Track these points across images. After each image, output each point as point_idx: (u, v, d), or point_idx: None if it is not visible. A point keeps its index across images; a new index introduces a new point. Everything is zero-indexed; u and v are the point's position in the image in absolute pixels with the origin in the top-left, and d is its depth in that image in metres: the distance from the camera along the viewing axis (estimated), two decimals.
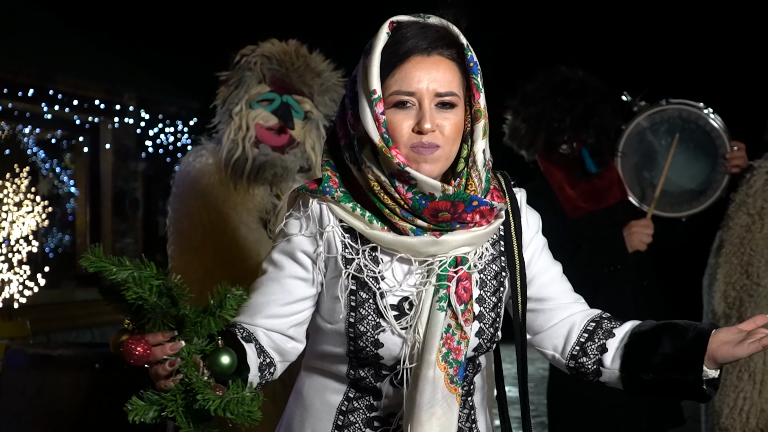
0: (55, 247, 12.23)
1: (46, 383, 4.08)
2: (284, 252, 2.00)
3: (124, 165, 12.74)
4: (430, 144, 1.89)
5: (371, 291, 1.93)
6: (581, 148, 3.79)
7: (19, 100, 10.97)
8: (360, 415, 2.02)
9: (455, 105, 1.92)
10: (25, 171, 11.10)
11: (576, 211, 3.80)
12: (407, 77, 1.90)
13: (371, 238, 1.93)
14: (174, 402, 1.67)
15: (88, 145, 12.42)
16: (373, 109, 1.89)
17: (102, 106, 12.10)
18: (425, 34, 1.92)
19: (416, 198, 1.88)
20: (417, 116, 1.90)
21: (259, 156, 3.50)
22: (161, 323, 1.66)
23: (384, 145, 1.88)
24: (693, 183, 3.89)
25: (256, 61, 3.54)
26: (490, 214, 1.94)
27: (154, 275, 1.66)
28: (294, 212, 2.01)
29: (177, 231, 3.61)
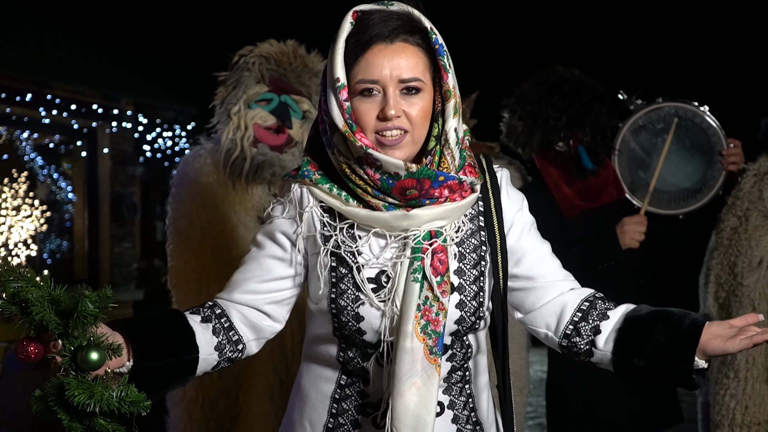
0: (52, 253, 12.24)
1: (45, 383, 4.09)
2: (265, 233, 2.10)
3: (122, 170, 12.75)
4: (396, 127, 1.94)
5: (349, 265, 1.99)
6: (577, 146, 3.81)
7: (17, 105, 10.98)
8: (352, 402, 2.05)
9: (421, 90, 1.96)
10: (23, 176, 11.12)
11: (572, 210, 3.81)
12: (370, 65, 1.94)
13: (347, 215, 1.99)
14: (54, 396, 1.73)
15: (85, 149, 12.43)
16: (338, 97, 1.94)
17: (99, 111, 12.11)
18: (387, 22, 1.95)
19: (383, 178, 1.93)
20: (381, 103, 1.94)
21: (257, 155, 3.51)
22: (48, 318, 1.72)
23: (348, 129, 1.93)
24: (689, 181, 3.89)
25: (254, 62, 3.56)
26: (461, 188, 1.98)
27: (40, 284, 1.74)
28: (279, 197, 2.10)
29: (176, 231, 3.63)
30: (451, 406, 2.07)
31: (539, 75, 3.94)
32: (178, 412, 3.57)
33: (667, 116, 3.87)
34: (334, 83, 1.94)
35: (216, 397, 3.53)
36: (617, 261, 3.74)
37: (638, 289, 3.82)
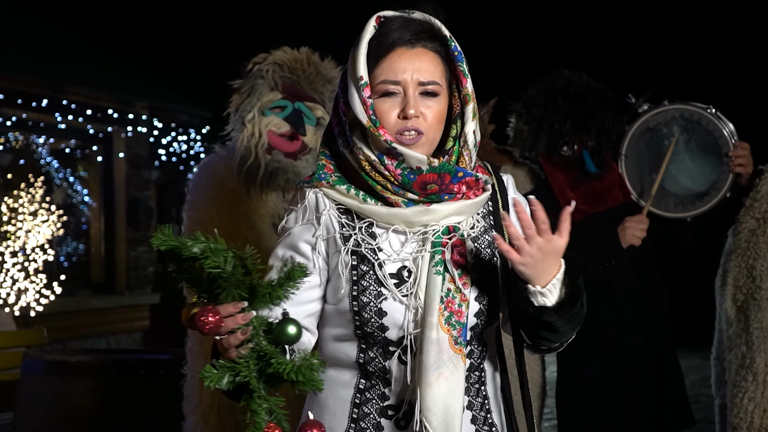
0: (69, 256, 12.30)
1: (64, 389, 4.13)
2: (287, 246, 2.12)
3: (137, 174, 12.80)
4: (414, 128, 2.03)
5: (370, 262, 2.04)
6: (582, 150, 3.82)
7: (33, 110, 11.05)
8: (373, 406, 2.07)
9: (438, 94, 2.06)
10: (40, 181, 11.17)
11: (576, 214, 3.82)
12: (392, 67, 2.04)
13: (366, 213, 2.05)
14: (247, 368, 1.77)
15: (101, 154, 12.49)
16: (361, 94, 2.03)
17: (115, 116, 12.17)
18: (409, 28, 2.06)
19: (405, 173, 2.01)
20: (402, 103, 2.04)
21: (271, 162, 3.53)
22: (235, 293, 1.76)
23: (372, 125, 2.01)
24: (697, 183, 3.88)
25: (267, 69, 3.58)
26: (476, 185, 2.07)
27: (226, 248, 1.75)
28: (292, 206, 2.14)
29: None
30: (470, 406, 2.11)
31: (546, 79, 3.97)
32: (194, 417, 3.59)
33: (673, 119, 3.87)
34: (357, 81, 2.03)
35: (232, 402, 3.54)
36: (618, 260, 3.75)
37: (644, 293, 3.82)
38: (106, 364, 4.20)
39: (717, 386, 4.30)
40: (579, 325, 2.07)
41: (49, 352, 5.14)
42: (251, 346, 1.79)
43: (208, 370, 1.77)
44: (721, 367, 4.23)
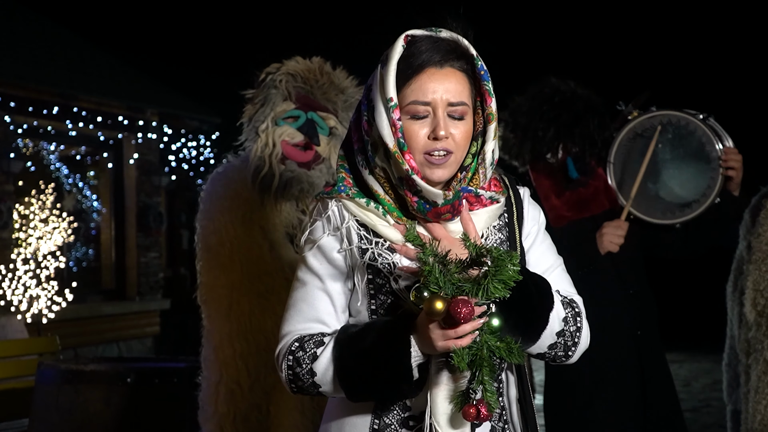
0: (79, 261, 12.33)
1: (79, 398, 4.14)
2: (319, 258, 2.13)
3: (148, 180, 12.83)
4: (444, 149, 2.04)
5: (386, 276, 2.06)
6: (566, 157, 3.84)
7: (44, 117, 11.09)
8: (395, 417, 2.08)
9: (465, 114, 2.07)
10: (50, 187, 11.21)
11: (558, 221, 3.82)
12: (423, 88, 2.04)
13: (382, 233, 2.07)
14: (481, 350, 1.91)
15: (111, 160, 12.53)
16: (390, 116, 2.03)
17: (125, 122, 12.20)
18: (438, 48, 2.06)
19: (421, 203, 2.04)
20: (432, 124, 2.04)
21: (285, 172, 3.55)
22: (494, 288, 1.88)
23: (398, 150, 2.02)
24: (685, 190, 3.86)
25: (281, 79, 3.60)
26: (477, 201, 2.11)
27: None
28: (315, 217, 2.15)
29: (205, 247, 3.67)
30: None
31: (534, 88, 3.99)
32: (210, 426, 3.60)
33: (660, 125, 3.87)
34: (386, 102, 2.04)
35: (247, 411, 3.56)
36: (595, 267, 3.75)
37: (628, 299, 3.81)
38: (120, 373, 4.21)
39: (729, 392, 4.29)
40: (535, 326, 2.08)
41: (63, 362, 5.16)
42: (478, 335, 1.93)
43: (459, 352, 1.90)
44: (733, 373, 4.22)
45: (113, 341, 12.05)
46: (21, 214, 10.79)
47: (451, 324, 1.88)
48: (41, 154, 11.85)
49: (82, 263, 12.48)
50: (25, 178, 11.05)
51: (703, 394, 9.99)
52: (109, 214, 12.69)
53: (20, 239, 10.69)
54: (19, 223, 10.74)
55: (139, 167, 12.66)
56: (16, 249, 10.57)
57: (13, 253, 10.48)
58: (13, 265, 10.36)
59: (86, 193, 12.49)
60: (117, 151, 12.56)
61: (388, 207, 2.07)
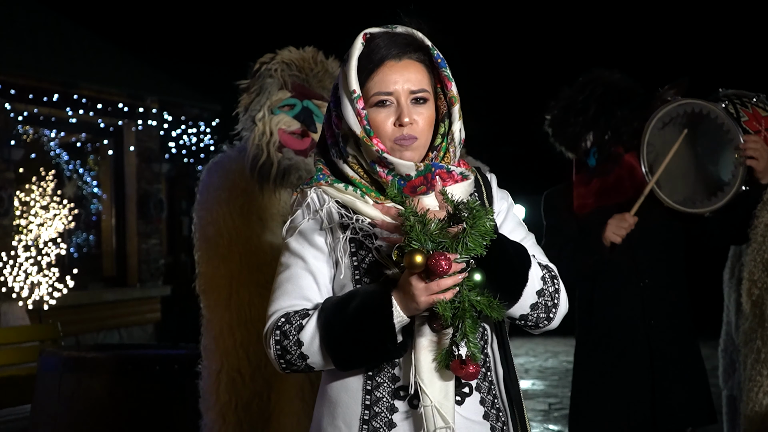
0: (80, 248, 12.36)
1: (80, 386, 4.17)
2: (300, 242, 2.23)
3: (148, 167, 12.85)
4: (410, 136, 2.18)
5: (368, 248, 2.17)
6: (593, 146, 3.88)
7: (44, 105, 11.10)
8: (385, 389, 2.15)
9: (427, 100, 2.22)
10: (51, 174, 11.22)
11: (581, 208, 3.87)
12: (384, 80, 2.20)
13: (361, 212, 2.17)
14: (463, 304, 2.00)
15: (112, 148, 12.54)
16: (355, 106, 2.17)
17: (125, 110, 12.21)
18: (395, 42, 2.22)
19: (395, 179, 2.15)
20: (396, 112, 2.19)
21: (283, 160, 3.57)
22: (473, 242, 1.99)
23: (365, 135, 2.16)
24: (711, 179, 3.88)
25: (276, 68, 3.62)
26: (449, 177, 2.20)
27: None
28: (296, 207, 2.27)
29: (203, 238, 3.69)
30: (478, 388, 2.20)
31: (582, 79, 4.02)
32: (212, 415, 3.63)
33: (685, 114, 3.86)
34: (350, 95, 2.18)
35: (249, 399, 3.59)
36: (600, 258, 3.78)
37: (641, 289, 3.83)
38: (121, 361, 4.23)
39: (725, 378, 4.32)
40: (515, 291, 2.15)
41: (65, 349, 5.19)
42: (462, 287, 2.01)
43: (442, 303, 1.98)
44: (729, 359, 4.25)
45: (114, 328, 12.08)
46: (22, 201, 10.81)
47: (432, 278, 1.97)
48: (42, 142, 11.87)
49: (82, 250, 12.51)
50: (26, 165, 11.06)
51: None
52: (110, 201, 12.71)
53: (21, 226, 10.72)
54: (20, 210, 10.77)
55: (140, 154, 12.67)
56: (17, 236, 10.60)
57: (14, 240, 10.51)
58: (14, 252, 10.38)
59: (87, 179, 12.51)
60: (117, 138, 12.57)
61: (365, 189, 2.19)
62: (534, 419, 8.16)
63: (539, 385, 9.67)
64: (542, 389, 9.48)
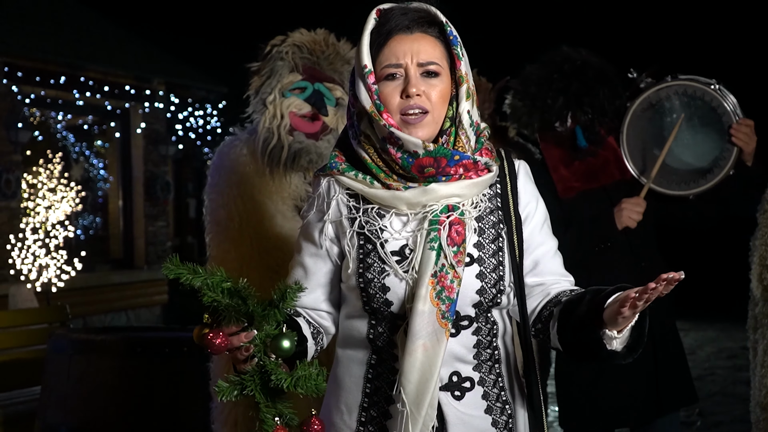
0: (86, 230, 12.38)
1: (89, 368, 4.17)
2: (302, 235, 2.30)
3: (155, 149, 12.86)
4: (418, 106, 2.14)
5: (373, 242, 2.16)
6: (575, 126, 3.83)
7: (51, 87, 11.11)
8: (384, 380, 2.18)
9: (439, 73, 2.17)
10: (58, 157, 11.24)
11: (567, 191, 3.83)
12: (393, 52, 2.17)
13: (370, 197, 2.17)
14: (252, 382, 1.95)
15: (119, 130, 12.56)
16: (365, 81, 2.16)
17: (132, 92, 12.22)
18: (406, 15, 2.19)
19: (404, 157, 2.12)
20: (404, 83, 2.16)
21: (294, 143, 3.56)
22: (235, 319, 1.93)
23: (375, 110, 2.14)
24: (699, 161, 3.83)
25: (287, 51, 3.60)
26: (475, 167, 2.17)
27: (223, 279, 1.92)
28: (311, 195, 2.30)
29: (214, 221, 3.69)
30: (481, 382, 2.20)
31: (545, 56, 3.98)
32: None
33: (676, 95, 3.84)
34: (361, 70, 2.17)
35: None
36: (613, 242, 3.76)
37: (640, 271, 3.81)
38: (130, 343, 4.23)
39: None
40: None
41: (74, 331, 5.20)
42: (256, 361, 1.96)
43: (220, 385, 1.96)
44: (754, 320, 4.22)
45: (122, 310, 12.13)
46: (29, 183, 10.83)
47: None
48: (49, 124, 11.89)
49: (90, 232, 12.54)
50: (33, 148, 11.09)
51: (708, 362, 10.02)
52: (117, 183, 12.74)
53: (29, 209, 10.75)
54: (28, 192, 10.79)
55: (146, 137, 12.69)
56: (25, 218, 10.63)
57: (21, 223, 10.54)
58: (22, 235, 10.42)
59: (93, 162, 12.53)
60: (124, 120, 12.59)
61: (375, 170, 2.16)
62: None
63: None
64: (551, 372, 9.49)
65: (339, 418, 2.24)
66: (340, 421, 2.23)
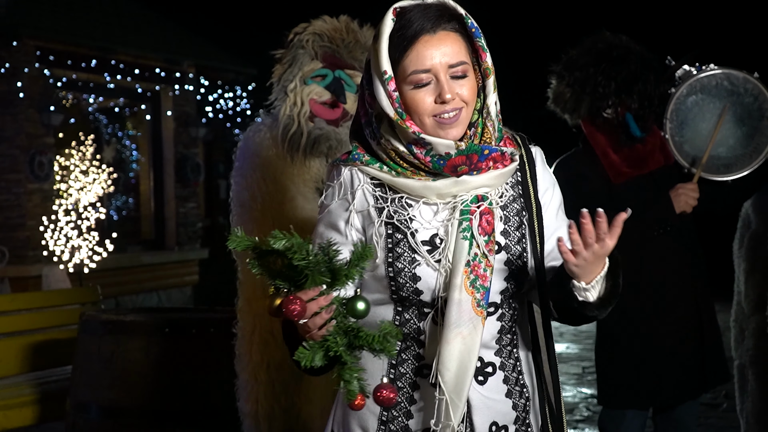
0: (119, 210, 12.51)
1: (119, 348, 4.28)
2: (325, 224, 2.22)
3: (185, 131, 12.96)
4: (453, 109, 2.09)
5: (403, 231, 2.13)
6: (625, 113, 3.85)
7: (83, 71, 11.22)
8: (409, 366, 2.17)
9: (467, 72, 2.12)
10: (90, 139, 11.36)
11: (619, 177, 3.86)
12: (420, 56, 2.09)
13: (399, 187, 2.14)
14: (336, 343, 1.91)
15: (149, 112, 12.67)
16: (386, 88, 2.10)
17: (162, 75, 12.31)
18: (427, 15, 2.10)
19: (434, 159, 2.09)
20: (436, 89, 2.10)
21: (314, 130, 3.63)
22: (318, 279, 1.89)
23: (399, 117, 2.09)
24: (740, 147, 3.88)
25: (308, 39, 3.67)
26: (502, 159, 2.15)
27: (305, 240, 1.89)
28: (328, 182, 2.23)
29: (238, 202, 3.78)
30: (502, 367, 2.21)
31: (587, 42, 3.98)
32: (245, 375, 3.73)
33: (718, 83, 3.87)
34: (381, 76, 2.10)
35: (281, 360, 3.67)
36: (672, 226, 3.80)
37: (684, 253, 3.88)
38: (159, 324, 4.33)
39: (735, 346, 4.37)
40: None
41: (104, 312, 5.31)
42: (334, 324, 1.93)
43: (301, 351, 1.92)
44: (739, 328, 4.30)
45: (153, 290, 12.26)
46: (62, 165, 10.96)
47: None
48: (80, 107, 12.01)
49: (122, 213, 12.67)
50: (65, 130, 11.20)
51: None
52: (148, 165, 12.85)
53: (61, 191, 10.88)
54: (60, 174, 10.92)
55: (177, 119, 12.79)
56: (58, 200, 10.76)
57: (54, 205, 10.67)
58: (54, 216, 10.55)
59: (125, 143, 12.65)
60: (155, 103, 12.69)
61: (401, 169, 2.13)
62: (567, 383, 8.22)
63: (573, 348, 9.72)
64: (576, 353, 9.52)
65: None
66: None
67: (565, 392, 7.86)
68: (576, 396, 7.74)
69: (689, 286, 3.90)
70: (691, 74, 3.87)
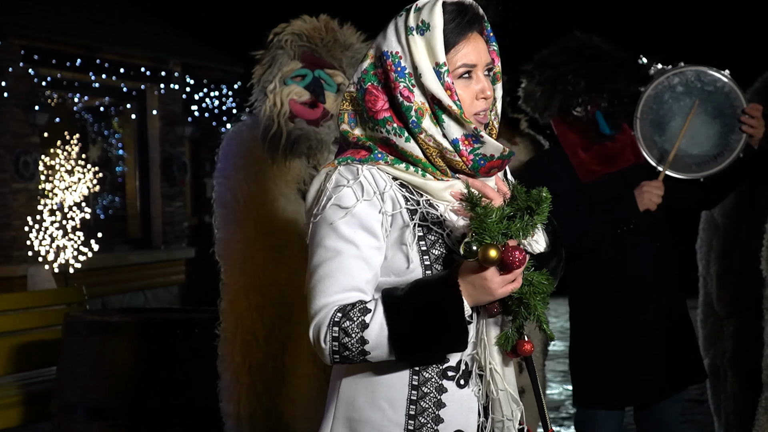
0: (105, 209, 12.49)
1: (104, 349, 4.29)
2: (352, 225, 2.08)
3: (171, 130, 12.94)
4: (486, 107, 2.16)
5: (438, 233, 2.11)
6: (595, 111, 3.87)
7: (68, 69, 11.20)
8: (434, 369, 2.12)
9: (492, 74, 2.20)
10: (75, 138, 11.33)
11: (589, 175, 3.88)
12: (468, 51, 2.12)
13: (428, 190, 2.11)
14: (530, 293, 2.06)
15: (135, 111, 12.64)
16: (444, 80, 2.09)
17: (148, 73, 12.29)
18: (471, 13, 2.15)
19: (477, 158, 2.11)
20: (477, 85, 2.14)
21: (294, 130, 3.65)
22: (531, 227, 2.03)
23: (461, 111, 2.09)
24: (710, 144, 3.90)
25: (287, 40, 3.68)
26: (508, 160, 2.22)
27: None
28: (342, 184, 2.10)
29: (221, 203, 3.80)
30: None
31: (559, 41, 4.01)
32: (227, 376, 3.74)
33: (689, 81, 3.89)
34: (439, 67, 2.09)
35: (263, 361, 3.70)
36: (636, 224, 3.82)
37: (656, 251, 3.90)
38: (144, 324, 4.35)
39: (706, 347, 4.40)
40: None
41: (90, 313, 5.32)
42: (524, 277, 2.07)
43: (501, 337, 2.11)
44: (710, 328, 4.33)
45: (140, 290, 12.24)
46: (47, 165, 10.93)
47: (505, 269, 1.98)
48: (66, 106, 11.99)
49: (108, 212, 12.66)
50: (51, 129, 11.18)
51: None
52: (134, 164, 12.83)
53: (46, 190, 10.85)
54: (45, 174, 10.89)
55: (163, 117, 12.76)
56: (43, 200, 10.74)
57: (39, 204, 10.65)
58: (39, 216, 10.53)
59: (111, 141, 12.63)
60: (140, 101, 12.67)
61: (431, 168, 2.11)
62: (553, 380, 8.24)
63: (560, 345, 9.74)
64: (563, 350, 9.54)
65: (379, 415, 2.12)
66: (381, 417, 2.12)
67: (551, 390, 7.87)
68: (562, 393, 7.75)
69: (661, 284, 3.91)
70: (663, 72, 3.89)
